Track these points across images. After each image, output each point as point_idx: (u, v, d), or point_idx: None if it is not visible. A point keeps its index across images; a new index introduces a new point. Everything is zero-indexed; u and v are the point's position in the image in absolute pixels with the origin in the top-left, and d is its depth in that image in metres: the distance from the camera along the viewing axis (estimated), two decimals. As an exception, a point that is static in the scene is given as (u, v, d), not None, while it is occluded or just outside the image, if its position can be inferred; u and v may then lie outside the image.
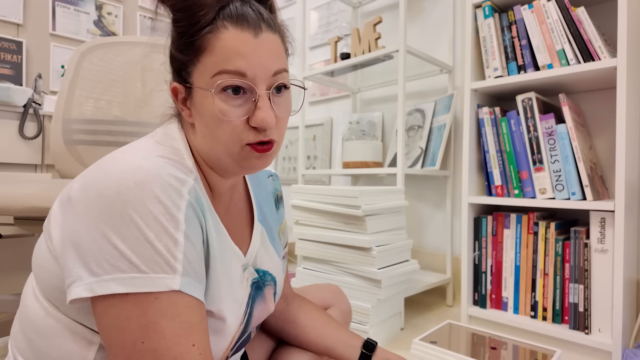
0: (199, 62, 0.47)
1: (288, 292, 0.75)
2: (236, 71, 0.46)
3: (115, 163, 0.44)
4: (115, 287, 0.40)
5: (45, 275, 0.47)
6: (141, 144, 0.49)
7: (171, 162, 0.46)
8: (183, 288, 0.42)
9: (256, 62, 0.47)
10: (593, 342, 1.09)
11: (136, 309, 0.40)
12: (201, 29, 0.47)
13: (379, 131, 2.03)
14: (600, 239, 1.10)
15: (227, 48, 0.46)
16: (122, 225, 0.40)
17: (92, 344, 0.46)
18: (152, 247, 0.41)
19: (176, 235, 0.42)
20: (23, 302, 0.50)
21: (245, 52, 0.46)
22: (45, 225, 0.48)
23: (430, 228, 1.85)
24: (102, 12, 2.27)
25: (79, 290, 0.40)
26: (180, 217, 0.43)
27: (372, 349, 0.69)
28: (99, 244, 0.40)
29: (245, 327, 0.58)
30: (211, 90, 0.46)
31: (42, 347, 0.47)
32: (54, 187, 0.91)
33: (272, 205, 0.70)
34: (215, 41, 0.46)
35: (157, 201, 0.42)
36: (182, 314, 0.41)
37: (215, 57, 0.46)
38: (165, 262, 0.41)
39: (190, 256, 0.43)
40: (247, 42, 0.46)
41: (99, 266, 0.40)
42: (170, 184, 0.43)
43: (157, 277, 0.40)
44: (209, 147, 0.50)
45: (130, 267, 0.40)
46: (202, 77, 0.47)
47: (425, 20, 1.90)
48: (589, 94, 1.38)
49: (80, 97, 1.25)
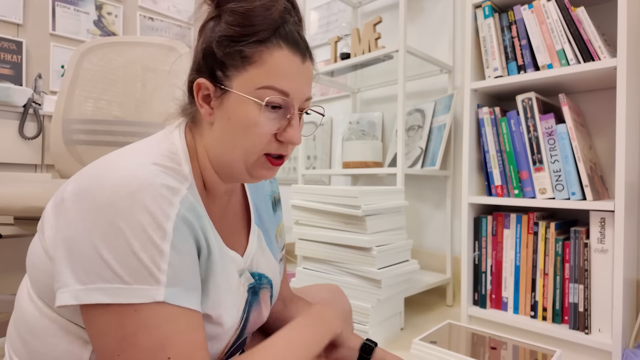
0: (245, 70, 0.49)
1: (286, 293, 0.75)
2: (282, 90, 0.49)
3: (111, 170, 0.44)
4: (100, 297, 0.40)
5: (40, 275, 0.47)
6: (139, 147, 0.49)
7: (166, 170, 0.46)
8: (167, 299, 0.42)
9: (298, 86, 0.51)
10: (593, 342, 1.09)
11: (115, 322, 0.41)
12: (257, 42, 0.48)
13: (379, 131, 2.03)
14: (600, 239, 1.10)
15: (279, 67, 0.49)
16: (110, 235, 0.41)
17: (88, 344, 0.46)
18: (137, 258, 0.41)
19: (162, 246, 0.42)
20: (18, 302, 0.50)
21: (293, 75, 0.50)
22: (40, 225, 0.48)
23: (430, 228, 1.85)
24: (102, 12, 2.27)
25: (66, 297, 0.41)
26: (168, 227, 0.43)
27: (370, 351, 0.68)
28: (88, 253, 0.41)
29: (241, 332, 0.59)
30: (261, 102, 0.48)
31: (36, 347, 0.47)
32: (54, 187, 0.91)
33: (269, 208, 0.70)
34: (267, 57, 0.48)
35: (146, 211, 0.42)
36: (162, 326, 0.41)
37: (264, 71, 0.48)
38: (149, 274, 0.41)
39: (178, 266, 0.43)
40: (296, 66, 0.50)
41: (86, 274, 0.41)
42: (161, 193, 0.43)
43: (140, 288, 0.41)
44: (224, 151, 0.51)
45: (115, 277, 0.40)
46: (246, 85, 0.49)
47: (425, 20, 1.90)
48: (589, 94, 1.38)
49: (80, 97, 1.25)
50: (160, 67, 1.24)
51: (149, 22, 2.46)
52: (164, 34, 2.51)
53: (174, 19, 2.55)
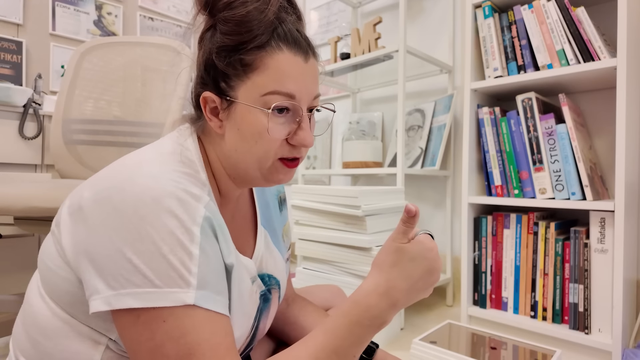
0: (248, 78, 0.48)
1: (289, 293, 0.75)
2: (288, 93, 0.48)
3: (131, 177, 0.43)
4: (131, 302, 0.40)
5: (54, 278, 0.46)
6: (154, 154, 0.48)
7: (186, 176, 0.46)
8: (198, 302, 0.41)
9: (303, 86, 0.49)
10: (593, 342, 1.09)
11: (146, 332, 0.40)
12: (256, 47, 0.47)
13: (379, 131, 2.03)
14: (600, 239, 1.10)
15: (281, 70, 0.47)
16: (137, 239, 0.40)
17: (99, 345, 0.46)
18: (166, 261, 0.40)
19: (191, 248, 0.42)
20: (27, 302, 0.50)
21: (296, 75, 0.49)
22: (54, 229, 0.48)
23: (430, 228, 1.85)
24: (102, 12, 2.27)
25: (97, 303, 0.41)
26: (196, 230, 0.43)
27: (371, 353, 0.68)
28: (114, 259, 0.41)
29: (251, 340, 0.59)
30: (268, 110, 0.47)
31: (47, 348, 0.47)
32: (53, 187, 0.91)
33: (276, 207, 0.70)
34: (269, 61, 0.47)
35: (173, 215, 0.42)
36: (189, 334, 0.41)
37: (267, 77, 0.47)
38: (179, 276, 0.41)
39: (207, 269, 0.43)
40: (299, 66, 0.49)
41: (116, 280, 0.40)
42: (186, 199, 0.43)
43: (171, 292, 0.40)
44: (239, 160, 0.50)
45: (145, 281, 0.40)
46: (251, 94, 0.48)
47: (425, 20, 1.90)
48: (589, 94, 1.38)
49: (80, 97, 1.25)
50: (160, 67, 1.23)
51: (149, 22, 2.46)
52: (164, 34, 2.51)
53: (174, 19, 2.55)
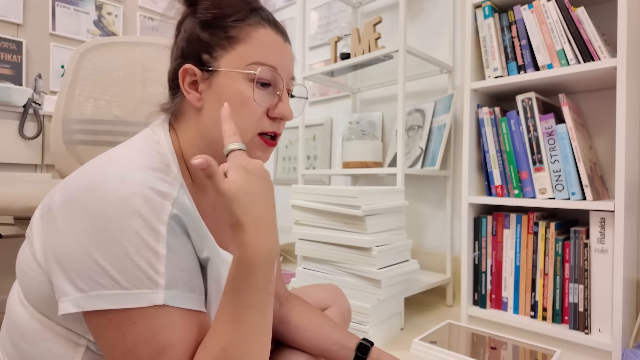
0: (232, 49, 0.50)
1: (281, 292, 0.74)
2: (271, 65, 0.51)
3: (99, 177, 0.43)
4: (100, 304, 0.40)
5: (30, 281, 0.46)
6: (124, 150, 0.48)
7: (155, 172, 0.46)
8: (168, 301, 0.41)
9: (284, 63, 0.53)
10: (593, 342, 1.09)
11: (119, 335, 0.40)
12: (239, 20, 0.50)
13: (379, 131, 2.03)
14: (600, 239, 1.10)
15: (265, 43, 0.51)
16: (104, 241, 0.40)
17: (79, 346, 0.46)
18: (133, 262, 0.40)
19: (157, 248, 0.41)
20: (9, 306, 0.50)
21: (278, 51, 0.52)
22: (28, 233, 0.48)
23: (430, 228, 1.85)
24: (102, 12, 2.27)
25: (67, 305, 0.41)
26: (162, 229, 0.42)
27: (366, 351, 0.68)
28: (83, 260, 0.40)
29: None
30: (254, 73, 0.50)
31: (27, 351, 0.47)
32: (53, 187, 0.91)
33: None
34: (253, 34, 0.50)
35: (138, 215, 0.41)
36: (160, 334, 0.41)
37: (251, 48, 0.50)
38: (147, 277, 0.41)
39: (176, 267, 0.43)
40: (280, 44, 0.53)
41: (85, 282, 0.40)
42: (153, 198, 0.43)
43: (140, 293, 0.40)
44: (219, 134, 0.50)
45: (113, 283, 0.40)
46: (234, 63, 0.50)
47: (425, 20, 1.90)
48: (589, 94, 1.37)
49: (80, 97, 1.25)
50: (160, 67, 1.24)
51: (149, 22, 2.46)
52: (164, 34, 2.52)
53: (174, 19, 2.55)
